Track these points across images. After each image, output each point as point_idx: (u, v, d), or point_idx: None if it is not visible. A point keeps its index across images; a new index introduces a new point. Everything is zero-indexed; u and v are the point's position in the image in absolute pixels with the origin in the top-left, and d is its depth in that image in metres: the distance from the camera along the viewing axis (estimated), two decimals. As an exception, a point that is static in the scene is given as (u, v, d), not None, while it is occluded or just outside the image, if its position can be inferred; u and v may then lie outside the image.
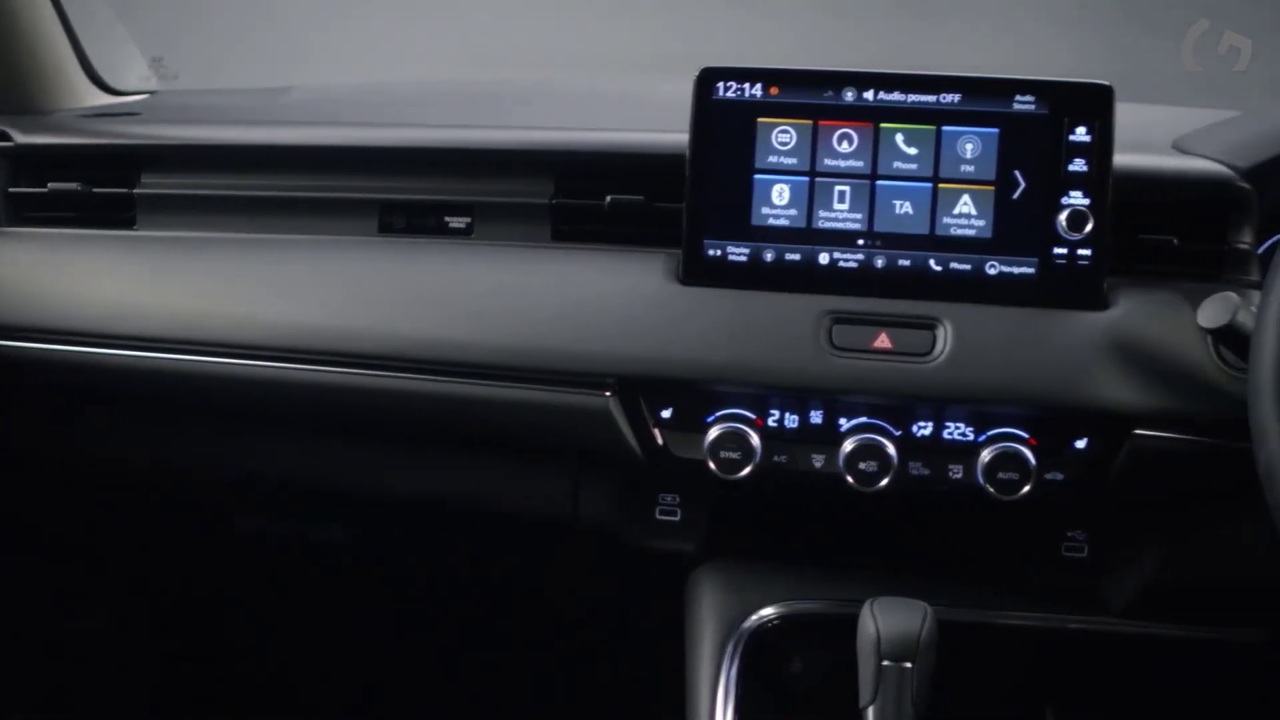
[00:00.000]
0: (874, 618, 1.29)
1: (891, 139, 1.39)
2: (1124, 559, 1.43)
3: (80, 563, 1.86)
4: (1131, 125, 1.54)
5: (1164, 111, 1.67)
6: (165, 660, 1.97)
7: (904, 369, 1.35)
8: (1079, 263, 1.37)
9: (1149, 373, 1.33)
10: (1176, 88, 3.42)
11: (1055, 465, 1.35)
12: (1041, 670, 1.49)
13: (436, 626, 1.90)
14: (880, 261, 1.39)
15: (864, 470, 1.35)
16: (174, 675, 1.97)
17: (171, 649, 1.97)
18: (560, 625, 1.81)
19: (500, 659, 1.89)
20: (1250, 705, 1.51)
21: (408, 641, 1.92)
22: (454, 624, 1.89)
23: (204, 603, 1.96)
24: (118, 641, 1.93)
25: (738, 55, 1.43)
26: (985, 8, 4.70)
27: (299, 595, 1.93)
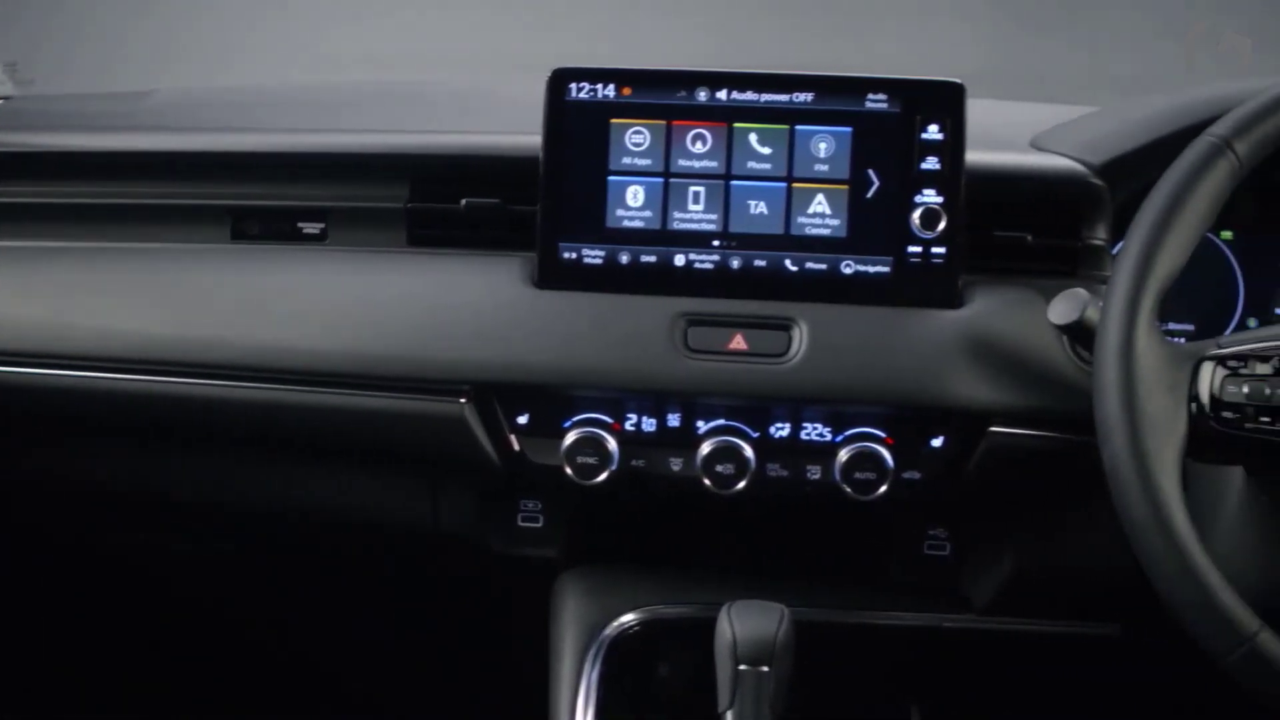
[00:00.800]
0: (730, 622, 1.28)
1: (745, 139, 1.38)
2: (984, 555, 1.44)
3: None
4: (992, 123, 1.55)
5: (1026, 109, 1.68)
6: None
7: (759, 370, 1.34)
8: (933, 261, 1.36)
9: (1004, 370, 1.33)
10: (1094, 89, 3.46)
11: (912, 464, 1.34)
12: (906, 669, 1.49)
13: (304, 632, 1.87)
14: (736, 262, 1.38)
15: (721, 473, 1.34)
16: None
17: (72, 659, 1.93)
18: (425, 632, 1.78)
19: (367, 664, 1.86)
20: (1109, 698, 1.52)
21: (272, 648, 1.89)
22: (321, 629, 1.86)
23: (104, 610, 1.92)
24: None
25: (631, 54, 1.42)
26: (904, 7, 4.72)
27: (171, 605, 1.89)
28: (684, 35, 3.70)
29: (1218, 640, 1.11)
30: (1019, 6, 4.66)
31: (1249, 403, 1.14)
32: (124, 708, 1.92)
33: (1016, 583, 1.42)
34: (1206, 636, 1.11)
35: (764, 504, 1.40)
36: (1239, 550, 1.29)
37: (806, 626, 1.34)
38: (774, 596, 1.34)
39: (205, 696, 1.90)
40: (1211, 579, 1.11)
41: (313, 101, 1.75)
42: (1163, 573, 1.12)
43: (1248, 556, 1.27)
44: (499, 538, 1.48)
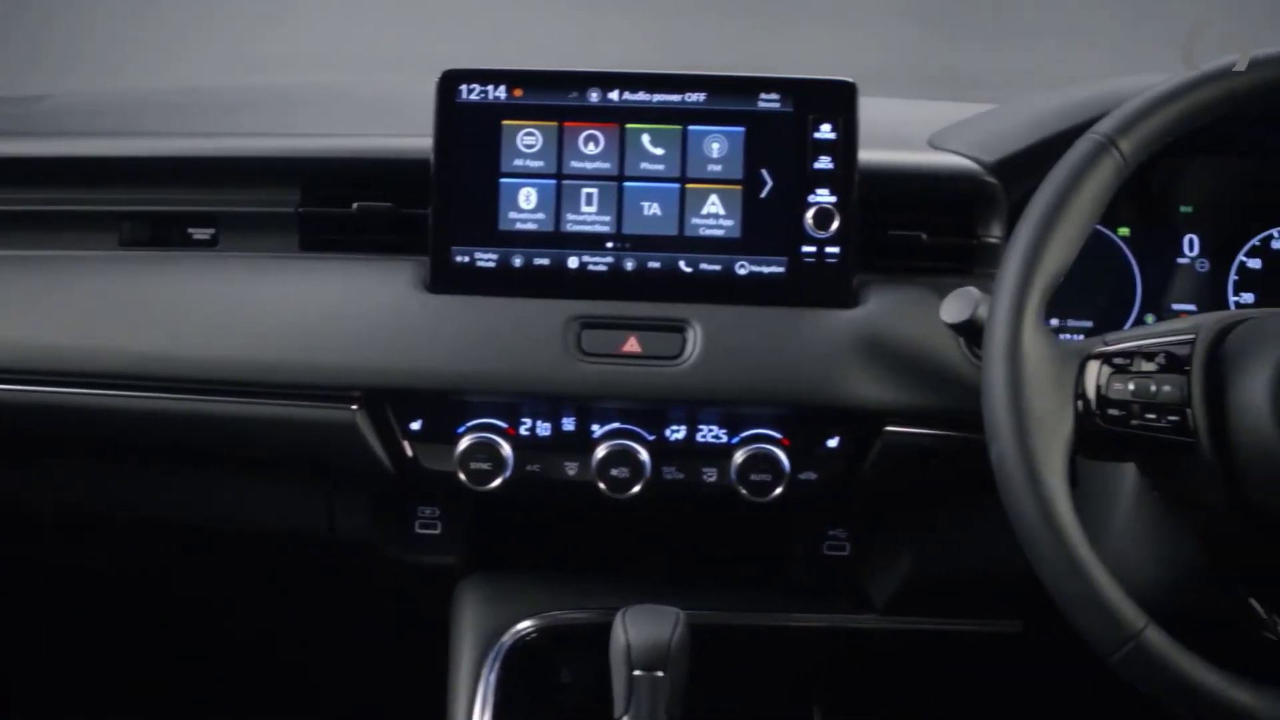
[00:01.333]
0: (624, 627, 1.27)
1: (638, 139, 1.37)
2: (883, 555, 1.43)
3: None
4: (891, 121, 1.55)
5: (926, 107, 1.68)
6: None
7: (653, 373, 1.33)
8: (827, 261, 1.36)
9: (898, 369, 1.33)
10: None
11: (808, 465, 1.34)
12: (809, 670, 1.48)
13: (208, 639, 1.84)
14: (630, 264, 1.37)
15: (616, 476, 1.33)
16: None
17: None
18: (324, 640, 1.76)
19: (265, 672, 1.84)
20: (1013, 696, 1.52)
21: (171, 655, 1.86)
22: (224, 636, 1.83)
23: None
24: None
25: (547, 53, 1.41)
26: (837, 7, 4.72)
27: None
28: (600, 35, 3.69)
29: (1104, 637, 1.11)
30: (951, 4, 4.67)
31: (1134, 400, 1.14)
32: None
33: (916, 581, 1.41)
34: (1093, 633, 1.11)
35: (664, 507, 1.39)
36: (1131, 546, 1.29)
37: (704, 630, 1.33)
38: (673, 600, 1.33)
39: (107, 700, 1.87)
40: (1097, 576, 1.11)
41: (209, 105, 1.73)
42: (1050, 570, 1.12)
43: (1139, 553, 1.28)
44: (396, 545, 1.47)
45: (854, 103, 1.36)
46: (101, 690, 1.91)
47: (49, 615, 1.86)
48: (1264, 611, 1.17)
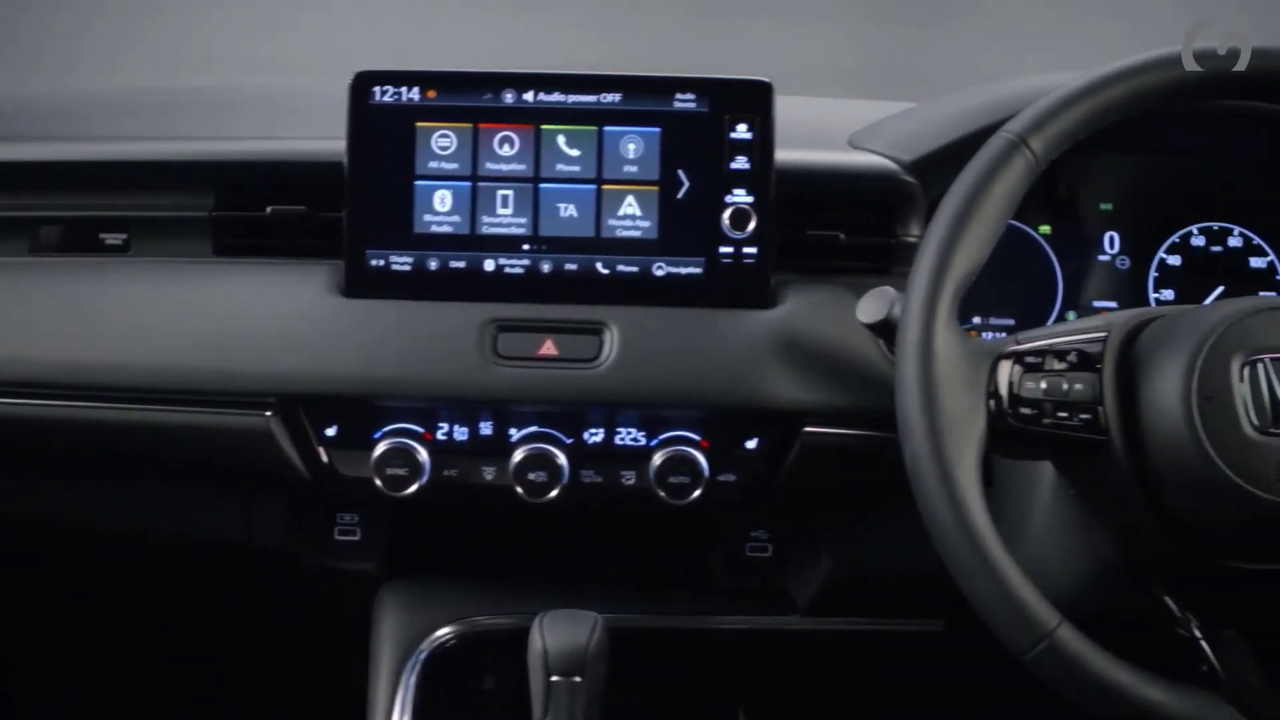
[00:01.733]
0: (541, 633, 1.26)
1: (553, 140, 1.36)
2: (804, 556, 1.43)
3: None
4: (813, 120, 1.55)
5: (850, 105, 1.67)
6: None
7: (570, 375, 1.32)
8: (745, 261, 1.35)
9: (817, 369, 1.33)
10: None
11: (727, 466, 1.33)
12: (732, 672, 1.47)
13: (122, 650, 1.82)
14: (546, 266, 1.36)
15: (534, 480, 1.32)
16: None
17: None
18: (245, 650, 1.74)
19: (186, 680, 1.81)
20: (937, 695, 1.52)
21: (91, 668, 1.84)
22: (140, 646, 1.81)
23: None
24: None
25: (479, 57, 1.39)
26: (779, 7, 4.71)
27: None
28: (536, 32, 3.68)
29: (1017, 636, 1.11)
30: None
31: (1046, 399, 1.14)
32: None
33: (837, 582, 1.41)
34: (1006, 632, 1.11)
35: (585, 510, 1.38)
36: (1049, 545, 1.29)
37: (624, 634, 1.32)
38: (594, 604, 1.33)
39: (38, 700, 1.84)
40: (1010, 575, 1.11)
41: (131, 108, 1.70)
42: (963, 570, 1.12)
43: (1057, 551, 1.28)
44: (315, 552, 1.45)
45: (770, 102, 1.35)
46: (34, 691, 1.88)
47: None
48: (1177, 609, 1.17)
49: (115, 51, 3.30)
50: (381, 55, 3.02)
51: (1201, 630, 1.15)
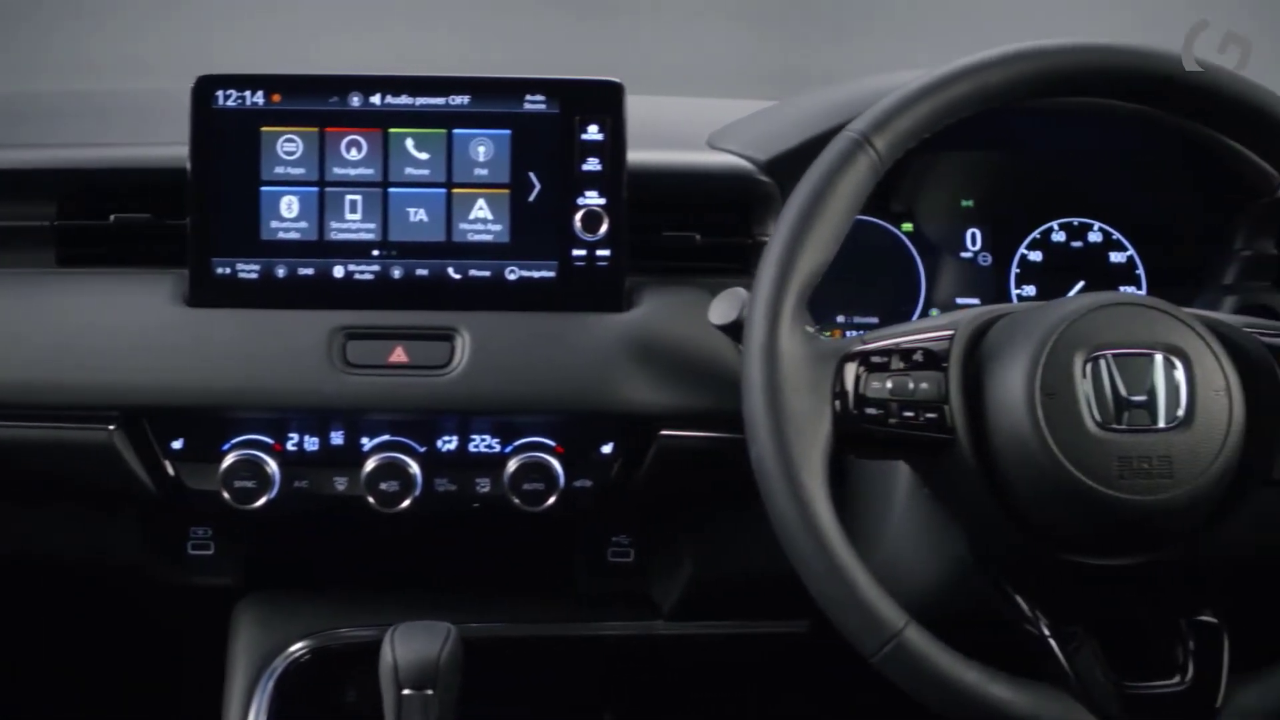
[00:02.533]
0: (392, 646, 1.24)
1: (401, 144, 1.33)
2: (666, 560, 1.42)
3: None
4: (674, 120, 1.53)
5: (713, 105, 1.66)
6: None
7: (421, 383, 1.30)
8: (598, 264, 1.34)
9: (672, 372, 1.31)
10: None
11: (583, 472, 1.32)
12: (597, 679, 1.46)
13: None
14: (397, 272, 1.34)
15: (385, 490, 1.30)
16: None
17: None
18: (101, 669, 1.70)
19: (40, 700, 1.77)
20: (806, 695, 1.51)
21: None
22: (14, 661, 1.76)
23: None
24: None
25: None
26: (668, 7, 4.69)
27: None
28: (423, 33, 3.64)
29: (865, 637, 1.10)
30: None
31: (892, 398, 1.14)
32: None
33: (699, 585, 1.40)
34: (855, 633, 1.11)
35: (445, 520, 1.36)
36: (905, 544, 1.29)
37: (482, 644, 1.30)
38: (453, 614, 1.31)
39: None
40: (857, 576, 1.10)
41: None
42: (810, 571, 1.11)
43: (912, 550, 1.28)
44: (169, 567, 1.42)
45: (621, 103, 1.34)
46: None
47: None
48: (1027, 607, 1.16)
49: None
50: (272, 57, 2.97)
51: (1049, 627, 1.15)
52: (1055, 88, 1.19)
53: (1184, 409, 1.12)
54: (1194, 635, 1.15)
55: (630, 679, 1.47)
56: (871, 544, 1.31)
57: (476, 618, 1.33)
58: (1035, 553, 1.15)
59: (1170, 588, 1.17)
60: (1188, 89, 1.19)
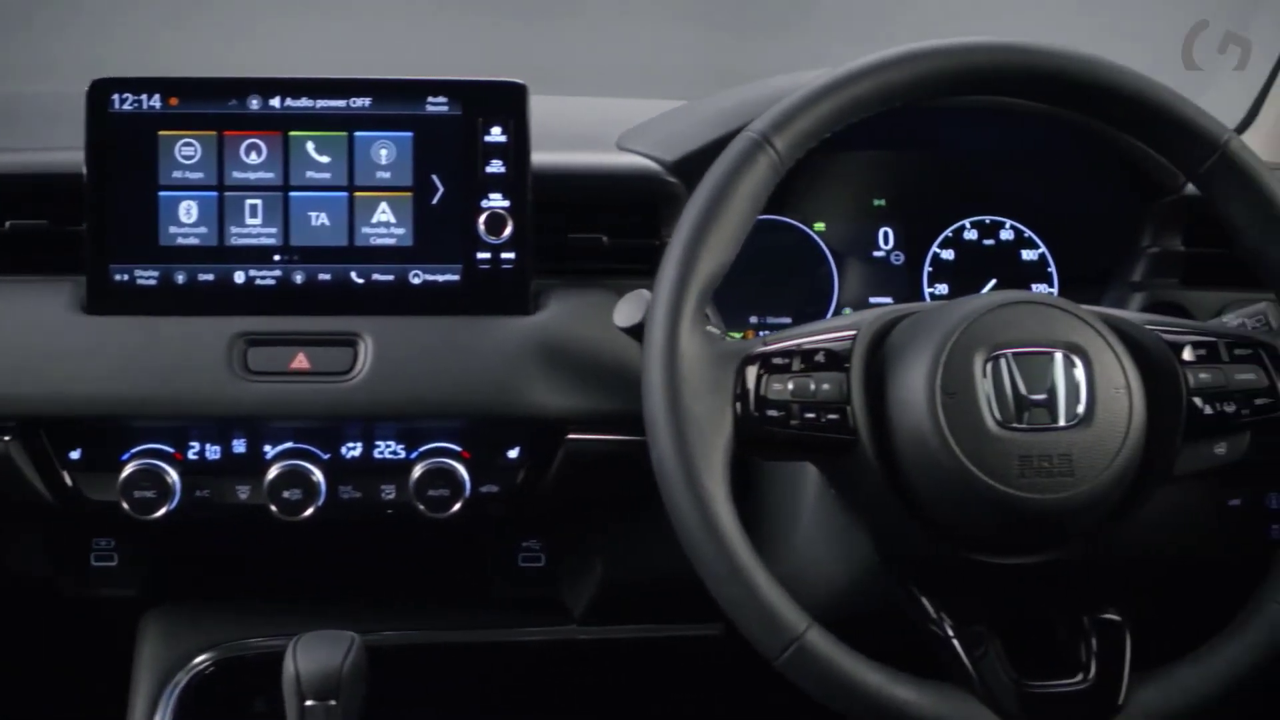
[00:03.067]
0: (294, 656, 1.22)
1: (302, 147, 1.32)
2: (577, 564, 1.41)
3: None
4: (586, 120, 1.52)
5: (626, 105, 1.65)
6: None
7: (324, 389, 1.28)
8: (503, 267, 1.33)
9: (579, 375, 1.30)
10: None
11: (489, 477, 1.30)
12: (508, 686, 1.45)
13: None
14: (299, 277, 1.32)
15: (288, 499, 1.28)
16: None
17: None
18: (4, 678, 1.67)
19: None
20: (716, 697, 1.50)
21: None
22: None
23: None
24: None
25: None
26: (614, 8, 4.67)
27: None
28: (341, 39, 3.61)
29: (767, 640, 1.10)
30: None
31: (794, 400, 1.13)
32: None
33: (610, 589, 1.39)
34: (757, 637, 1.10)
35: (353, 527, 1.35)
36: (815, 546, 1.28)
37: (390, 652, 1.28)
38: (361, 623, 1.29)
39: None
40: (758, 579, 1.09)
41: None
42: (711, 574, 1.10)
43: (821, 552, 1.27)
44: (71, 580, 1.39)
45: (524, 104, 1.33)
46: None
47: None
48: (932, 607, 1.16)
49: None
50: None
51: (953, 627, 1.14)
52: (957, 86, 1.19)
53: (1084, 407, 1.12)
54: (1097, 633, 1.15)
55: (543, 684, 1.46)
56: (782, 546, 1.31)
57: (384, 626, 1.32)
58: (939, 553, 1.15)
59: (1073, 586, 1.17)
60: (1087, 87, 1.19)
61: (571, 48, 4.23)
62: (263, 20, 3.46)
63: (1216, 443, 1.17)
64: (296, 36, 3.49)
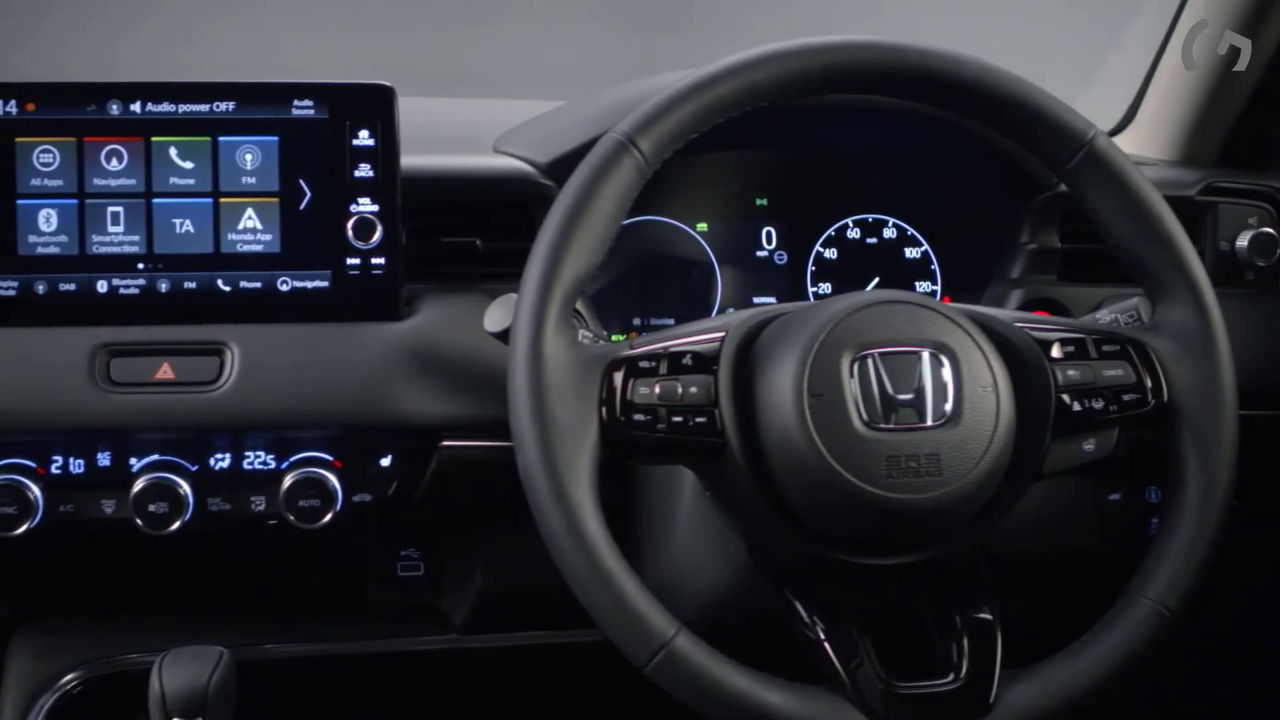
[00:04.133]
0: (159, 674, 1.20)
1: (165, 153, 1.29)
2: (457, 572, 1.39)
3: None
4: (464, 122, 1.50)
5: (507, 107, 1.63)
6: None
7: (190, 400, 1.25)
8: (373, 272, 1.31)
9: (452, 381, 1.29)
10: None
11: (362, 486, 1.28)
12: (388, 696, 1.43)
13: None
14: (164, 285, 1.29)
15: (154, 512, 1.25)
16: None
17: None
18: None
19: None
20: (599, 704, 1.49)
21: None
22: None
23: None
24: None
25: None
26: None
27: None
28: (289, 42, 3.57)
29: (635, 648, 1.08)
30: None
31: (661, 403, 1.12)
32: None
33: (490, 597, 1.37)
34: (626, 645, 1.09)
35: (228, 539, 1.32)
36: (692, 550, 1.27)
37: (264, 667, 1.26)
38: (235, 637, 1.27)
39: None
40: (625, 586, 1.08)
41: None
42: (578, 582, 1.09)
43: (698, 556, 1.26)
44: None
45: (392, 107, 1.31)
46: None
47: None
48: (804, 610, 1.15)
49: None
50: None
51: (825, 630, 1.13)
52: (822, 86, 1.18)
53: (951, 406, 1.11)
54: (969, 633, 1.15)
55: (424, 696, 1.44)
56: (660, 550, 1.30)
57: (257, 640, 1.29)
58: (809, 555, 1.14)
59: (945, 585, 1.17)
60: (952, 85, 1.19)
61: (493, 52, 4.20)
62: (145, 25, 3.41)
63: (1085, 439, 1.18)
64: (201, 40, 3.45)
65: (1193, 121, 1.62)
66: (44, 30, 3.03)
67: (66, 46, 2.96)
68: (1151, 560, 1.17)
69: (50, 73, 1.34)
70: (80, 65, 2.71)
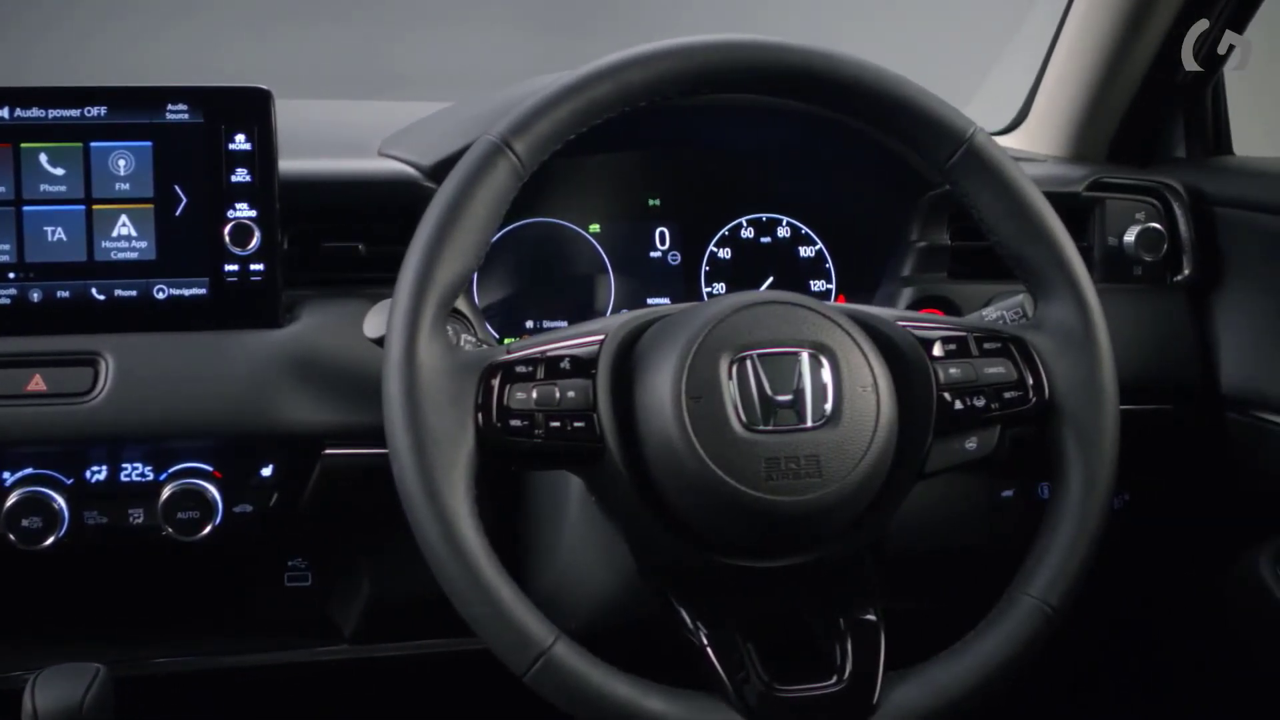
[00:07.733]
0: (32, 693, 1.17)
1: (35, 159, 1.26)
2: (345, 581, 1.37)
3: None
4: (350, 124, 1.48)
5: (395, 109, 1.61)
6: None
7: (62, 412, 1.23)
8: (252, 279, 1.28)
9: (334, 388, 1.27)
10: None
11: (243, 497, 1.26)
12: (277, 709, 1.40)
13: None
14: (36, 295, 1.26)
15: (28, 528, 1.23)
16: None
17: None
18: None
19: None
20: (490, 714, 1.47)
21: None
22: None
23: None
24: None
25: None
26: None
27: None
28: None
29: (514, 657, 1.07)
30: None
31: (538, 409, 1.10)
32: None
33: (379, 606, 1.35)
34: (504, 653, 1.07)
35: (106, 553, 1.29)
36: (578, 556, 1.26)
37: (146, 682, 1.23)
38: (115, 653, 1.24)
39: None
40: (502, 594, 1.07)
41: None
42: (455, 591, 1.07)
43: (585, 561, 1.25)
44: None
45: (269, 111, 1.29)
46: None
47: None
48: (688, 615, 1.14)
49: None
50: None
51: (708, 635, 1.13)
52: (698, 85, 1.17)
53: (831, 407, 1.11)
54: (853, 634, 1.14)
55: (314, 708, 1.42)
56: (547, 556, 1.28)
57: (138, 655, 1.26)
58: (691, 559, 1.13)
59: (829, 587, 1.16)
60: (828, 83, 1.18)
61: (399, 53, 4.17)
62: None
63: (967, 438, 1.17)
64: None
65: (1081, 118, 1.63)
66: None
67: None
68: (1033, 558, 1.17)
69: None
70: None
